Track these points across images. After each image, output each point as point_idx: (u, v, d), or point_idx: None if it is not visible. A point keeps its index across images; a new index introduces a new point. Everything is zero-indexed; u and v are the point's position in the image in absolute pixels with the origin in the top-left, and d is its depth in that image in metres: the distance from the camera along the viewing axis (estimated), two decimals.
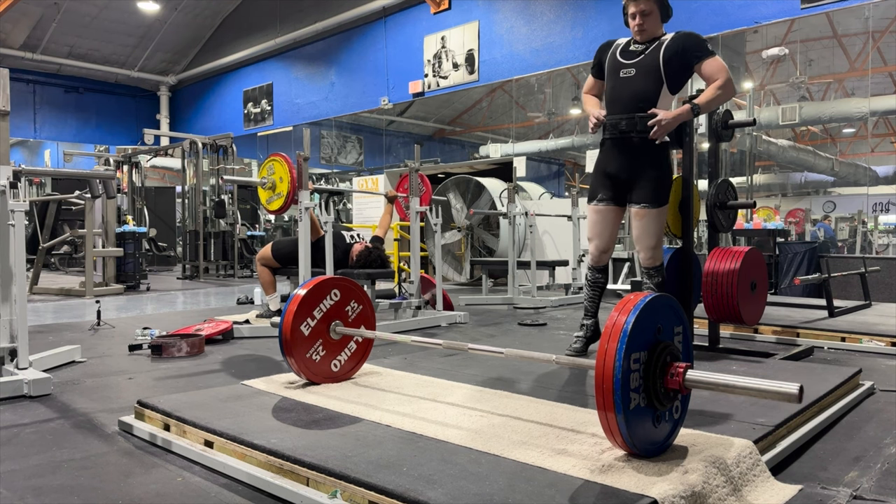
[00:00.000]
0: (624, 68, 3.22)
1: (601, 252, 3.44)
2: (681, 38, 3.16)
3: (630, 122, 3.16)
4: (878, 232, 8.79)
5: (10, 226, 3.08)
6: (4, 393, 2.94)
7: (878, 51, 7.39)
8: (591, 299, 3.51)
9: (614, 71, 3.26)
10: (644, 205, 3.22)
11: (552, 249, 8.99)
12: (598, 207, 3.37)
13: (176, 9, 14.98)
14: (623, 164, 3.24)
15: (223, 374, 3.51)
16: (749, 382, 1.77)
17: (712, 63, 3.11)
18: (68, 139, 16.44)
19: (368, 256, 4.95)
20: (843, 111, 8.33)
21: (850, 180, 8.72)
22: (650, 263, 3.32)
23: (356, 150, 13.81)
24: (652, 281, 3.33)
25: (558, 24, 9.57)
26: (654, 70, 3.14)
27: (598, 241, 3.42)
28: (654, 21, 3.17)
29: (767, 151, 8.95)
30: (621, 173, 3.26)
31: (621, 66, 3.23)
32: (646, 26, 3.16)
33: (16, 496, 1.86)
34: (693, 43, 3.13)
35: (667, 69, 3.13)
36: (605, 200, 3.34)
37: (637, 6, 3.13)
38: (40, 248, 8.25)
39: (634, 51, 3.22)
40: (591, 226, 3.43)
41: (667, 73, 3.13)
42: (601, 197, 3.35)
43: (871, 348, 4.04)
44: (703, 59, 3.12)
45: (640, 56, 3.18)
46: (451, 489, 1.64)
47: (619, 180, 3.27)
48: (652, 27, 3.17)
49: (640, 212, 3.24)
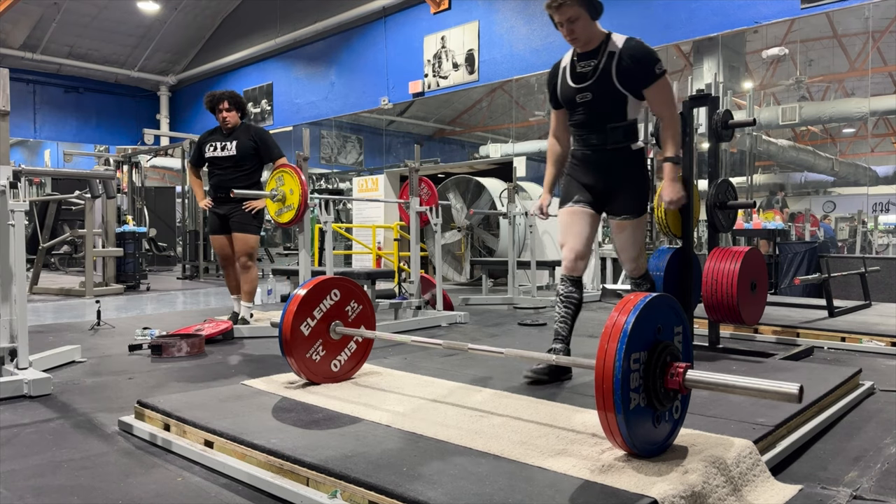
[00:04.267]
0: (578, 94, 2.90)
1: (577, 257, 2.96)
2: (631, 55, 2.81)
3: (601, 137, 2.91)
4: (878, 232, 8.79)
5: (10, 226, 3.08)
6: (4, 393, 2.94)
7: (878, 51, 7.39)
8: (564, 320, 2.95)
9: (570, 99, 2.94)
10: (625, 216, 2.97)
11: (552, 249, 8.99)
12: (573, 209, 3.01)
13: (176, 9, 14.98)
14: (599, 176, 2.98)
15: (223, 374, 3.51)
16: (749, 382, 1.77)
17: (660, 91, 2.85)
18: (68, 139, 16.45)
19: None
20: (843, 111, 8.32)
21: (850, 180, 8.72)
22: (636, 273, 3.13)
23: (356, 150, 13.81)
24: (642, 289, 3.12)
25: None
26: (610, 90, 2.84)
27: (572, 242, 2.97)
28: (585, 24, 2.80)
29: (767, 151, 8.95)
30: (598, 184, 2.98)
31: (575, 92, 2.91)
32: (577, 34, 2.81)
33: (16, 496, 1.86)
34: (643, 65, 2.81)
35: (624, 85, 2.83)
36: (582, 203, 3.00)
37: (561, 15, 2.78)
38: (40, 248, 8.25)
39: (583, 72, 2.88)
40: (565, 228, 3.02)
41: (626, 86, 2.84)
42: (577, 199, 3.01)
43: (871, 348, 4.04)
44: (651, 84, 2.83)
45: (593, 79, 2.85)
46: (451, 489, 1.64)
47: (597, 190, 3.00)
48: (584, 32, 2.82)
49: (621, 224, 3.00)
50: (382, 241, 10.26)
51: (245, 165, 4.70)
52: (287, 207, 4.43)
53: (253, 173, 4.78)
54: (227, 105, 4.64)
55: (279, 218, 4.51)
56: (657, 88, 2.85)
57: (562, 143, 3.15)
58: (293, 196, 4.37)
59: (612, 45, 2.84)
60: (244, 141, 4.68)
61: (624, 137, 2.90)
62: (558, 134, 3.15)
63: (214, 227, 4.77)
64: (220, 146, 4.68)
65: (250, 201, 4.64)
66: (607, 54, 2.84)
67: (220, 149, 4.67)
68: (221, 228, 4.74)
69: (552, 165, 3.17)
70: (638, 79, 2.82)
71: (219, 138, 4.71)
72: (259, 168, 4.84)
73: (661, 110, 2.92)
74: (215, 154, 4.68)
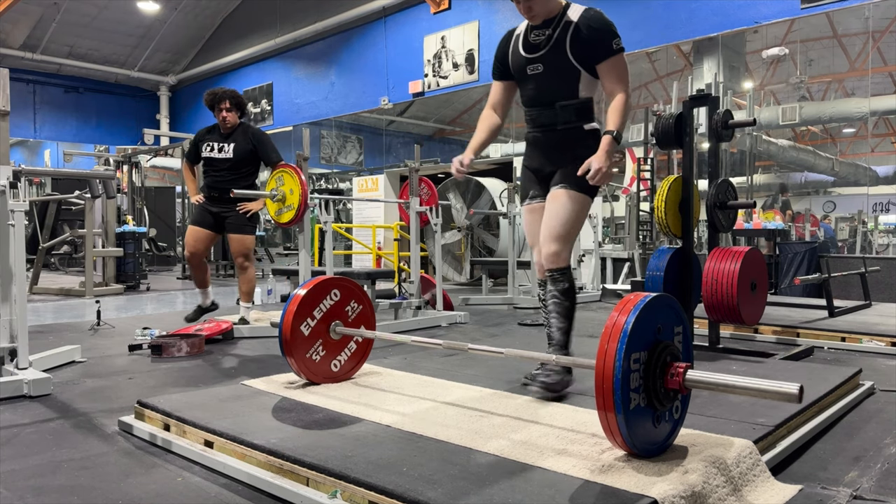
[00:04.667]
0: (529, 64, 2.70)
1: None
2: (588, 25, 2.59)
3: (550, 115, 2.69)
4: (878, 232, 8.79)
5: (10, 226, 3.08)
6: (4, 393, 2.94)
7: (878, 51, 7.39)
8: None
9: (521, 69, 2.74)
10: (562, 185, 2.65)
11: None
12: (531, 206, 2.85)
13: (176, 9, 14.97)
14: (547, 157, 2.75)
15: (223, 374, 3.51)
16: (749, 382, 1.77)
17: (615, 67, 2.59)
18: (68, 139, 16.44)
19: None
20: (843, 111, 8.33)
21: (850, 180, 8.72)
22: (553, 262, 2.64)
23: (356, 150, 13.82)
24: (557, 287, 2.65)
25: None
26: (563, 63, 2.62)
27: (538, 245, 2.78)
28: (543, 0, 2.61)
29: (767, 151, 8.95)
30: (545, 167, 2.76)
31: (526, 63, 2.71)
32: (535, 10, 2.62)
33: (16, 496, 1.86)
34: (600, 37, 2.58)
35: (579, 58, 2.61)
36: (538, 197, 2.82)
37: None
38: (40, 248, 8.25)
39: (536, 42, 2.68)
40: (528, 229, 2.87)
41: (580, 60, 2.61)
42: (532, 194, 2.84)
43: (871, 348, 4.04)
44: (606, 59, 2.59)
45: (545, 49, 2.65)
46: (451, 489, 1.64)
47: (544, 174, 2.78)
48: (543, 7, 2.63)
49: (555, 193, 2.67)
50: (382, 241, 10.26)
51: (242, 169, 4.68)
52: (287, 207, 4.43)
53: (249, 175, 4.75)
54: (227, 105, 4.62)
55: (279, 218, 4.50)
56: (611, 64, 2.59)
57: (496, 116, 2.90)
58: (293, 196, 4.37)
59: (570, 15, 2.63)
60: (242, 144, 4.65)
61: (576, 117, 2.66)
62: (495, 104, 2.91)
63: (198, 220, 4.69)
64: (217, 147, 4.66)
65: (246, 203, 4.62)
66: (563, 24, 2.63)
67: (218, 150, 4.66)
68: (206, 223, 4.68)
69: (483, 132, 2.88)
70: (593, 52, 2.59)
71: (217, 138, 4.70)
72: (256, 171, 4.82)
73: (613, 87, 2.60)
74: (212, 155, 4.67)
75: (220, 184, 4.63)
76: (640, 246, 8.48)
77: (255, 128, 4.88)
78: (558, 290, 2.64)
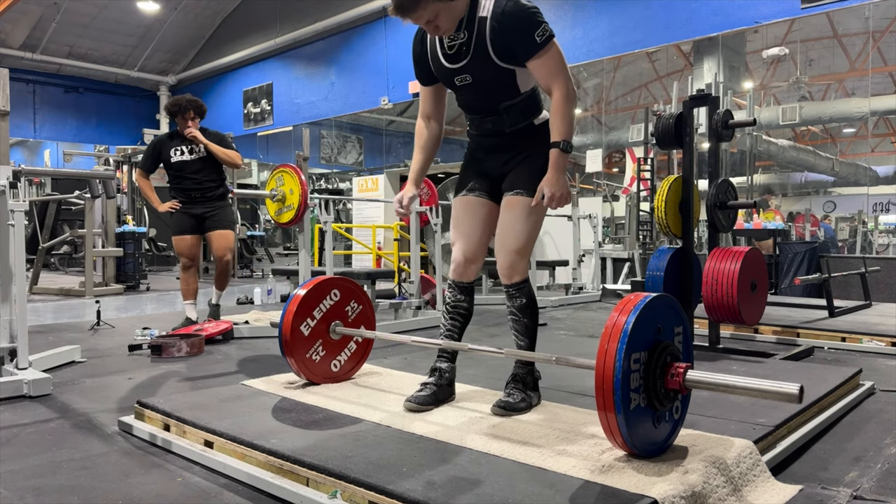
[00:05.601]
0: (456, 76, 2.39)
1: (467, 261, 2.52)
2: (502, 21, 2.24)
3: (496, 120, 2.42)
4: (878, 232, 8.79)
5: (9, 226, 3.08)
6: (4, 393, 2.94)
7: (878, 51, 7.39)
8: (450, 333, 2.52)
9: (448, 80, 2.45)
10: (517, 191, 2.39)
11: (552, 249, 8.99)
12: (466, 198, 2.55)
13: (176, 9, 14.97)
14: (499, 160, 2.49)
15: (223, 374, 3.51)
16: (749, 383, 1.77)
17: (546, 61, 2.25)
18: (68, 139, 16.44)
19: None
20: (844, 111, 8.33)
21: (850, 180, 8.73)
22: (510, 277, 2.41)
23: (356, 150, 13.82)
24: (514, 304, 2.42)
25: (558, 24, 9.56)
26: (492, 69, 2.31)
27: (462, 243, 2.52)
28: (448, 13, 2.24)
29: (768, 151, 8.96)
30: (497, 169, 2.50)
31: (452, 74, 2.39)
32: (443, 27, 2.27)
33: (16, 496, 1.86)
34: (520, 32, 2.23)
35: (505, 58, 2.29)
36: (478, 191, 2.53)
37: (418, 18, 2.23)
38: (40, 248, 8.25)
39: (454, 49, 2.35)
40: (456, 222, 2.56)
41: (508, 60, 2.30)
42: (472, 186, 2.54)
43: (871, 348, 4.04)
44: (534, 56, 2.24)
45: (467, 58, 2.33)
46: (451, 489, 1.64)
47: (495, 175, 2.51)
48: (449, 21, 2.26)
49: (511, 200, 2.41)
50: (382, 241, 10.26)
51: (215, 166, 4.78)
52: (287, 207, 4.43)
53: (222, 172, 4.86)
54: (192, 115, 4.69)
55: (279, 218, 4.50)
56: (540, 60, 2.24)
57: (431, 127, 2.60)
58: (293, 196, 4.38)
59: (480, 11, 2.28)
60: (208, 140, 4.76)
61: (523, 115, 2.40)
62: (428, 113, 2.60)
63: (183, 228, 4.73)
64: (187, 150, 4.71)
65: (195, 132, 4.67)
66: (477, 23, 2.28)
67: (189, 152, 4.71)
68: (194, 229, 4.73)
69: (420, 152, 2.60)
70: (517, 51, 2.26)
71: (183, 143, 4.73)
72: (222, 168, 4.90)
73: (548, 83, 2.28)
74: (183, 158, 4.70)
75: (198, 183, 4.70)
76: (640, 246, 8.49)
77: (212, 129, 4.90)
78: (515, 308, 2.42)
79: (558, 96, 2.27)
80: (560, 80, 2.26)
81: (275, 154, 15.20)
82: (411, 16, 2.22)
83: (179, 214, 4.73)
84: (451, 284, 2.56)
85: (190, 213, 4.72)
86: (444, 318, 2.55)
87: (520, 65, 2.31)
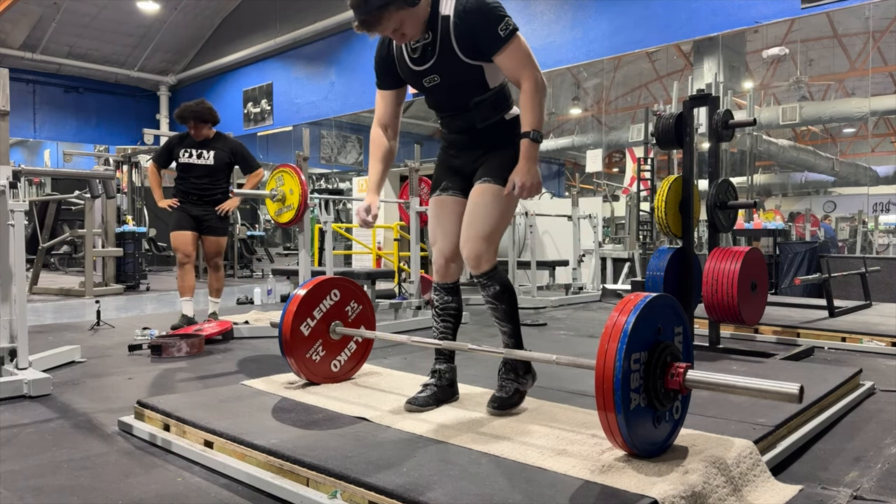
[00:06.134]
0: (424, 77, 2.39)
1: (448, 261, 2.50)
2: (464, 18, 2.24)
3: (467, 117, 2.41)
4: (878, 232, 8.79)
5: (9, 226, 3.08)
6: (4, 393, 2.94)
7: (878, 51, 7.39)
8: (444, 335, 2.52)
9: (416, 82, 2.44)
10: (486, 179, 2.38)
11: (552, 249, 8.99)
12: (441, 198, 2.53)
13: (176, 9, 14.97)
14: (471, 156, 2.48)
15: (223, 374, 3.51)
16: (749, 382, 1.77)
17: (512, 54, 2.24)
18: (68, 139, 16.44)
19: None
20: (844, 111, 8.33)
21: (850, 180, 8.73)
22: (478, 266, 2.38)
23: (356, 150, 13.82)
24: (488, 293, 2.42)
25: (558, 24, 9.57)
26: (460, 67, 2.31)
27: (442, 243, 2.50)
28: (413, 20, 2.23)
29: (768, 151, 8.96)
30: (467, 167, 2.50)
31: (420, 76, 2.40)
32: (409, 33, 2.26)
33: (16, 496, 1.86)
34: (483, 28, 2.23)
35: (472, 55, 2.29)
36: (451, 190, 2.52)
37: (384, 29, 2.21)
38: (40, 248, 8.25)
39: (421, 54, 2.35)
40: (434, 223, 2.55)
41: (475, 57, 2.29)
42: (445, 185, 2.54)
43: (871, 348, 4.04)
44: (499, 50, 2.23)
45: (434, 58, 2.33)
46: (451, 489, 1.64)
47: (468, 171, 2.50)
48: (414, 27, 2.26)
49: (479, 187, 2.39)
50: (382, 241, 10.26)
51: (219, 174, 4.85)
52: (287, 207, 4.43)
53: (226, 181, 4.95)
54: (193, 124, 4.74)
55: (279, 218, 4.51)
56: (506, 53, 2.24)
57: (388, 136, 2.57)
58: (293, 196, 4.37)
59: (442, 10, 2.27)
60: (220, 153, 4.82)
61: (494, 110, 2.40)
62: (385, 121, 2.56)
63: (182, 224, 4.78)
64: (195, 153, 4.77)
65: (223, 205, 4.82)
66: (441, 22, 2.27)
67: (197, 156, 4.78)
68: (191, 226, 4.79)
69: (379, 162, 2.56)
70: (481, 46, 2.25)
71: (194, 145, 4.80)
72: (230, 176, 5.00)
73: (516, 76, 2.28)
74: (191, 161, 4.78)
75: (199, 188, 4.78)
76: (640, 246, 8.49)
77: (234, 140, 4.98)
78: (490, 296, 2.42)
79: (527, 87, 2.26)
80: (527, 71, 2.26)
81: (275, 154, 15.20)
82: (377, 28, 2.20)
83: (178, 212, 4.79)
84: (437, 287, 2.54)
85: (188, 212, 4.79)
86: (434, 321, 2.54)
87: (487, 60, 2.30)
